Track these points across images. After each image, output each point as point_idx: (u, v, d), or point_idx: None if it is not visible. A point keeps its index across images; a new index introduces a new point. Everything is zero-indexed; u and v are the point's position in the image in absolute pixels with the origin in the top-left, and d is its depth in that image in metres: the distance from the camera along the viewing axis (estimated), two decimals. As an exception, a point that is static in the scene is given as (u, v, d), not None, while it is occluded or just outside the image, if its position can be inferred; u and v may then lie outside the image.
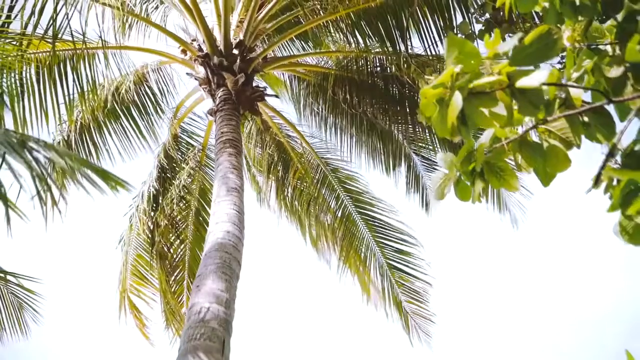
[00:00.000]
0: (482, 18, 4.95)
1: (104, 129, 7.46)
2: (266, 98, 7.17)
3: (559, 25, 2.03)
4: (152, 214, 8.03)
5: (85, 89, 5.83)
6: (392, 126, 8.19)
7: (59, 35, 5.21)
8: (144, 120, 7.89)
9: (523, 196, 8.39)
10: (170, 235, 8.41)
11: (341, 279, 9.30)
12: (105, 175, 2.07)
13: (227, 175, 4.82)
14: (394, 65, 6.53)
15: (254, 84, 6.68)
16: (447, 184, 1.99)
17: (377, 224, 8.53)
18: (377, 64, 7.22)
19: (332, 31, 6.69)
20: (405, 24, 5.38)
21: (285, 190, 8.48)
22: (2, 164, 1.84)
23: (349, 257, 8.62)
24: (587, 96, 1.91)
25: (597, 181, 1.84)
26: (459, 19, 5.33)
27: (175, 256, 8.54)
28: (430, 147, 9.03)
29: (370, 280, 8.77)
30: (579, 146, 1.85)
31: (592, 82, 1.91)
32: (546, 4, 1.88)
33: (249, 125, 8.73)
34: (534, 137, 1.99)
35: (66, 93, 5.79)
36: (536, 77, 1.41)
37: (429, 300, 8.76)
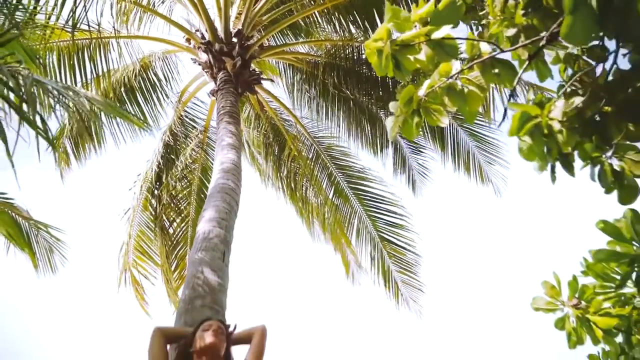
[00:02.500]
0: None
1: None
2: (262, 84, 7.72)
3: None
4: (156, 191, 8.29)
5: (99, 73, 6.34)
6: (378, 110, 8.62)
7: (78, 25, 5.66)
8: (149, 104, 8.07)
9: (503, 167, 8.79)
10: (172, 212, 8.63)
11: (335, 251, 9.75)
12: (131, 119, 2.56)
13: (226, 138, 5.36)
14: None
15: (252, 69, 7.24)
16: (397, 125, 2.53)
17: (368, 196, 8.75)
18: (362, 52, 7.56)
19: (321, 22, 7.21)
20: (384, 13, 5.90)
21: (282, 169, 8.90)
22: (55, 104, 2.32)
23: (342, 231, 9.03)
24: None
25: (504, 115, 2.38)
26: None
27: (177, 232, 8.70)
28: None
29: (352, 252, 9.19)
30: (488, 90, 2.38)
31: (507, 44, 2.46)
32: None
33: (247, 110, 9.17)
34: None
35: (83, 77, 6.30)
36: (442, 31, 1.95)
37: (419, 271, 9.20)
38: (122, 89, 7.32)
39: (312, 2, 6.75)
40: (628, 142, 2.09)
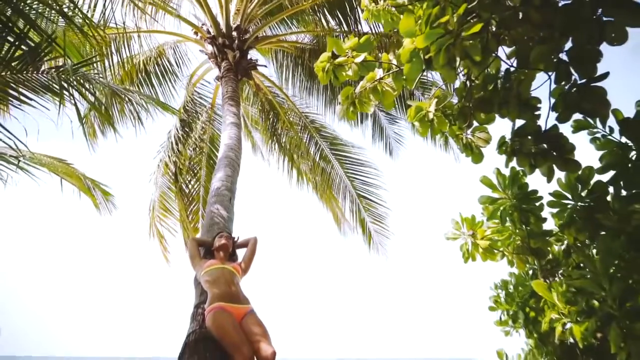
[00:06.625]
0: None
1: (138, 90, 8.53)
2: (258, 68, 8.54)
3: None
4: (174, 158, 9.04)
5: (124, 61, 7.19)
6: (357, 88, 9.42)
7: (107, 24, 6.47)
8: (162, 86, 8.79)
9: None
10: (187, 175, 9.47)
11: (326, 209, 10.75)
12: (161, 104, 3.50)
13: (229, 118, 6.27)
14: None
15: (249, 57, 8.06)
16: (342, 111, 3.50)
17: (347, 161, 9.65)
18: (342, 41, 8.38)
19: (307, 14, 7.96)
20: (356, 11, 6.75)
21: (276, 137, 9.83)
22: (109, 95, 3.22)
23: (330, 190, 10.02)
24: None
25: (408, 107, 3.35)
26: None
27: (192, 191, 9.57)
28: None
29: (339, 208, 10.20)
30: (398, 90, 3.34)
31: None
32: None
33: (246, 90, 10.01)
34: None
35: (111, 64, 7.15)
36: (360, 57, 2.91)
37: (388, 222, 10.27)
38: (142, 73, 8.17)
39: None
40: (480, 125, 3.09)
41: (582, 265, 3.89)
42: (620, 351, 2.40)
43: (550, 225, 4.13)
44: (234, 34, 7.72)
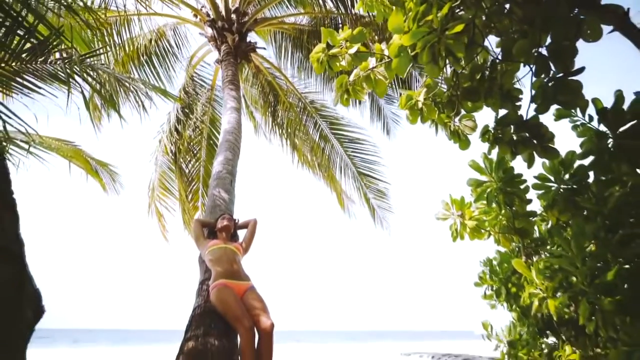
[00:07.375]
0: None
1: (137, 73, 8.62)
2: (257, 50, 8.57)
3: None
4: (174, 139, 9.24)
5: (125, 43, 7.24)
6: (355, 69, 9.45)
7: (108, 7, 6.52)
8: (164, 66, 8.78)
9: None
10: (187, 155, 9.57)
11: (322, 185, 10.88)
12: (163, 91, 3.64)
13: (229, 102, 6.39)
14: (348, 24, 7.86)
15: (248, 40, 8.09)
16: (337, 98, 3.64)
17: (347, 139, 9.72)
18: (340, 22, 8.41)
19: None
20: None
21: (276, 118, 9.92)
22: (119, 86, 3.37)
23: (327, 169, 10.17)
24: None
25: (400, 95, 3.50)
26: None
27: (192, 171, 9.69)
28: (389, 86, 10.35)
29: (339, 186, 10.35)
30: (390, 79, 3.48)
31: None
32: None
33: (246, 71, 10.03)
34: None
35: (112, 47, 7.20)
36: (354, 49, 3.03)
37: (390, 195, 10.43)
38: (144, 55, 8.20)
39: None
40: (467, 113, 3.23)
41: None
42: (589, 323, 2.61)
43: (536, 206, 4.31)
44: (233, 16, 7.73)
